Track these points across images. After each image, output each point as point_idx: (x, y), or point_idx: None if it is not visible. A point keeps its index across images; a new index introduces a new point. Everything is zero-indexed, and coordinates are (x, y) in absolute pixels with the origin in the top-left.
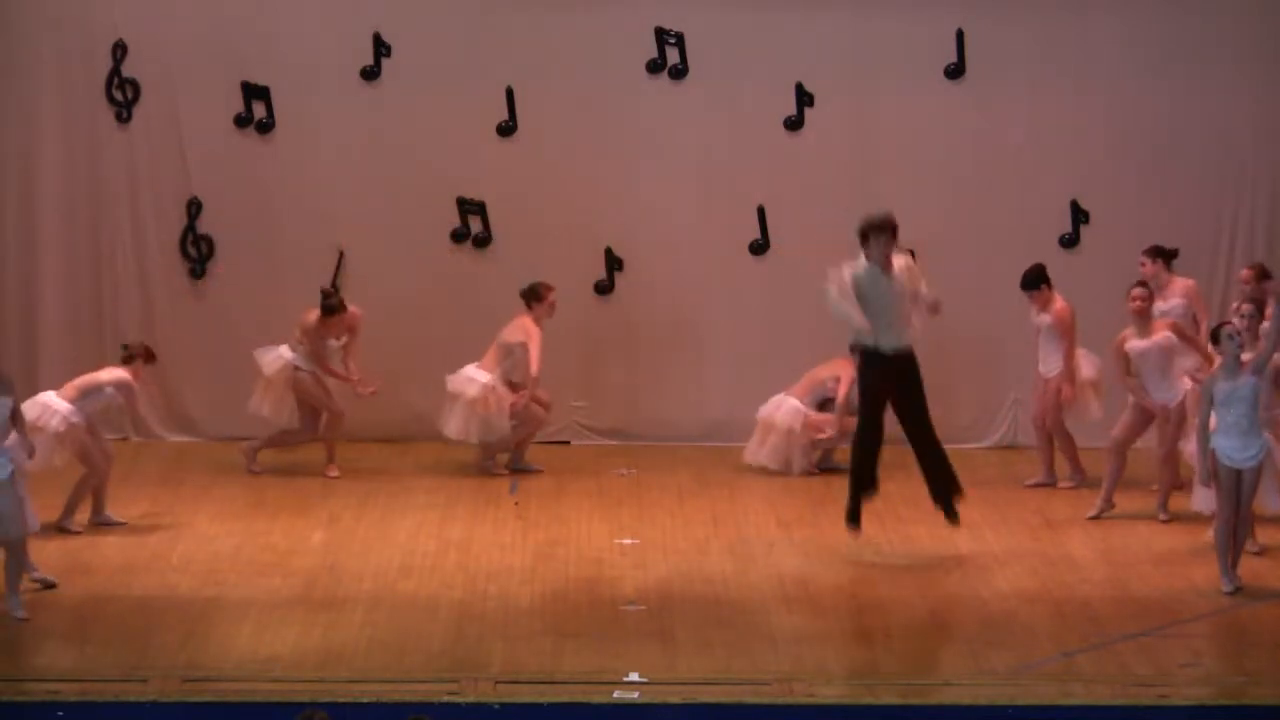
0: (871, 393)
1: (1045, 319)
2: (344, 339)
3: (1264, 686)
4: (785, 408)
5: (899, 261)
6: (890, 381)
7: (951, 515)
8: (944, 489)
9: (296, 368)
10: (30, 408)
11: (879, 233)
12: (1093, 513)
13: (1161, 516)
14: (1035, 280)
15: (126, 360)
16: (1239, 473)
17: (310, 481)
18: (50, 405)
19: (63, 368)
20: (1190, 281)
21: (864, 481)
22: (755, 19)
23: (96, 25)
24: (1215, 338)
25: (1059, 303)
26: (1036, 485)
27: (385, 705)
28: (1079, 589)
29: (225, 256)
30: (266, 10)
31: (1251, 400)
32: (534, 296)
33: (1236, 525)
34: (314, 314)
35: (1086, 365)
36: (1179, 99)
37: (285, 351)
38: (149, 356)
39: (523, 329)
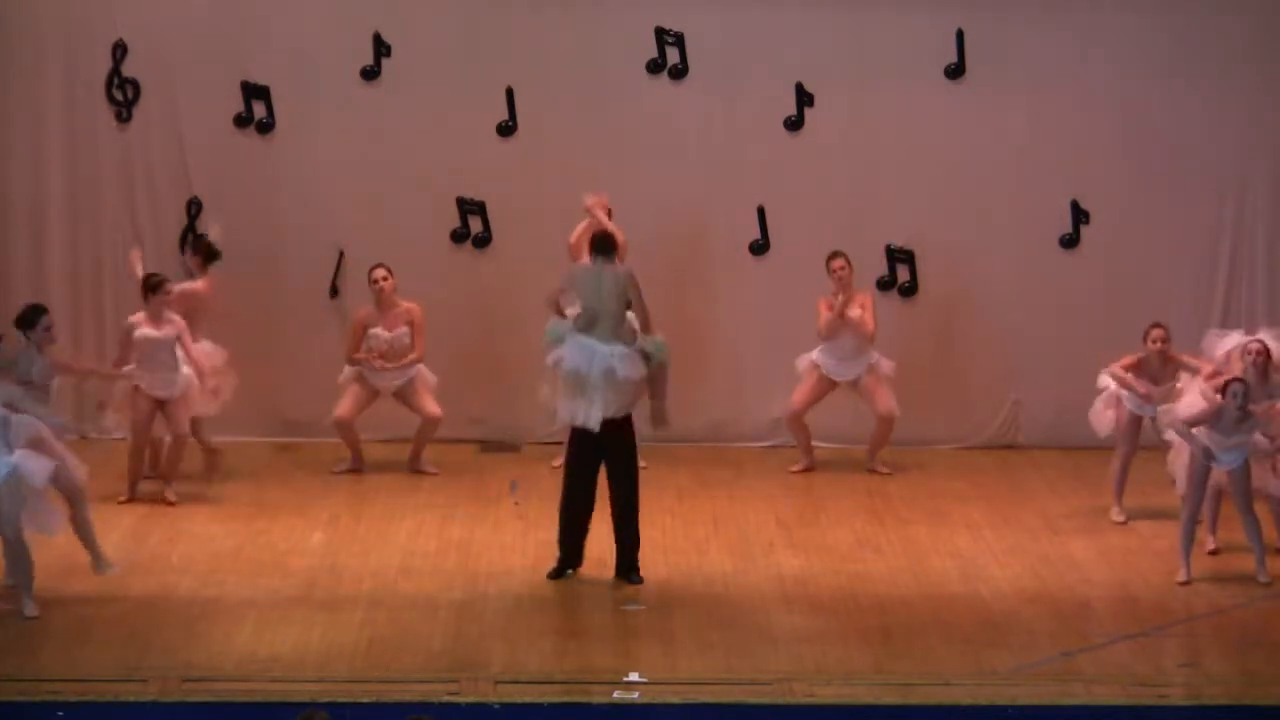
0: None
1: None
2: (399, 330)
3: (1263, 686)
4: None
5: None
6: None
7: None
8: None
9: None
10: None
11: None
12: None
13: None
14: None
15: None
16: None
17: (310, 481)
18: None
19: None
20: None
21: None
22: (755, 19)
23: (96, 25)
24: (1223, 391)
25: None
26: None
27: (385, 705)
28: (1079, 589)
29: (225, 257)
30: (266, 10)
31: (1244, 453)
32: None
33: (1245, 525)
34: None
35: None
36: (1179, 99)
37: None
38: None
39: None
